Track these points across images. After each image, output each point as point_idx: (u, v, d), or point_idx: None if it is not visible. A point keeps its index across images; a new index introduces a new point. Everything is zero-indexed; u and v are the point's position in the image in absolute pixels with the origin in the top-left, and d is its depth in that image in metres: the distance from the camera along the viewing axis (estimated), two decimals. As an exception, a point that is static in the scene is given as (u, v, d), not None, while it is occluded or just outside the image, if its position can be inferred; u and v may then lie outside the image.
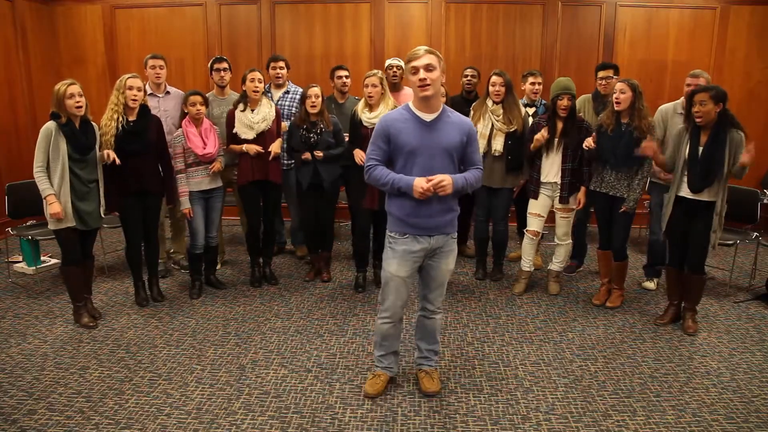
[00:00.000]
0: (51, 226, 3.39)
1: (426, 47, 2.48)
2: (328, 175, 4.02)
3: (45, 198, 3.30)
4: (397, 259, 2.61)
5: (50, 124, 3.28)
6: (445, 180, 2.45)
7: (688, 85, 3.84)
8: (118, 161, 3.43)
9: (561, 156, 3.79)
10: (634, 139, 3.46)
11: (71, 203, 3.34)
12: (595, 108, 4.25)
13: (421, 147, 2.49)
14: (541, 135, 3.76)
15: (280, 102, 4.53)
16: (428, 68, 2.43)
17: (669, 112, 3.87)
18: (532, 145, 3.83)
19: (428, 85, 2.43)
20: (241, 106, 3.93)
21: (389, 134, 2.53)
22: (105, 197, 3.55)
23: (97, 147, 3.45)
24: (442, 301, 2.79)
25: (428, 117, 2.53)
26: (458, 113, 2.62)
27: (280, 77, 4.53)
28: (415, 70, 2.43)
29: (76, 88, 3.28)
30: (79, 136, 3.32)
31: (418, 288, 2.83)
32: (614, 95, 3.52)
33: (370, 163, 2.59)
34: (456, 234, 2.67)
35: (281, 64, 4.51)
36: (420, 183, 2.45)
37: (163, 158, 3.80)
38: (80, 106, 3.29)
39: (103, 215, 3.55)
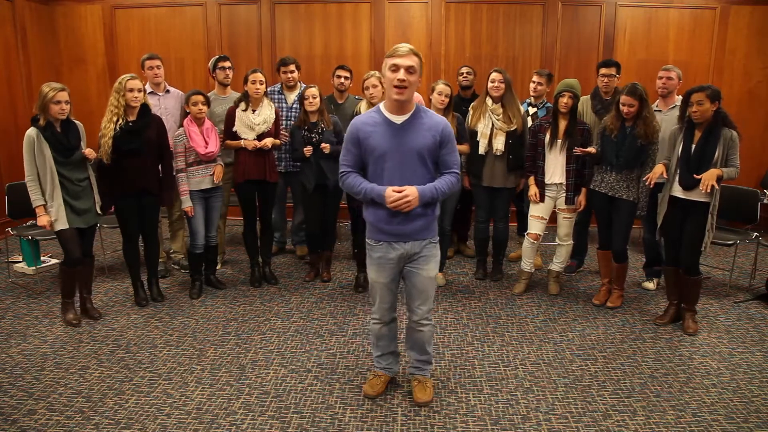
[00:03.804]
0: (48, 228, 3.40)
1: (411, 46, 2.35)
2: (333, 173, 4.01)
3: (35, 209, 3.33)
4: (374, 265, 2.60)
5: (31, 132, 3.26)
6: (410, 195, 2.37)
7: (660, 77, 3.95)
8: (92, 158, 3.41)
9: (565, 157, 3.79)
10: (638, 145, 3.49)
11: (67, 203, 3.35)
12: (594, 107, 4.24)
13: (391, 151, 2.40)
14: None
15: (295, 105, 4.50)
16: (410, 70, 2.31)
17: None
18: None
19: (405, 87, 2.32)
20: (242, 105, 3.93)
21: (359, 138, 2.45)
22: (100, 196, 3.55)
23: (82, 145, 3.43)
24: (429, 311, 2.66)
25: (399, 119, 2.42)
26: (433, 113, 2.50)
27: (291, 80, 4.52)
28: (396, 68, 2.31)
29: (64, 95, 3.26)
30: (60, 138, 3.30)
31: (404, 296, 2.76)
32: (622, 109, 3.51)
33: (342, 169, 2.54)
34: (436, 238, 2.59)
35: (292, 67, 4.50)
36: (390, 194, 2.38)
37: (163, 158, 3.79)
38: (63, 113, 3.28)
39: (100, 212, 3.55)
